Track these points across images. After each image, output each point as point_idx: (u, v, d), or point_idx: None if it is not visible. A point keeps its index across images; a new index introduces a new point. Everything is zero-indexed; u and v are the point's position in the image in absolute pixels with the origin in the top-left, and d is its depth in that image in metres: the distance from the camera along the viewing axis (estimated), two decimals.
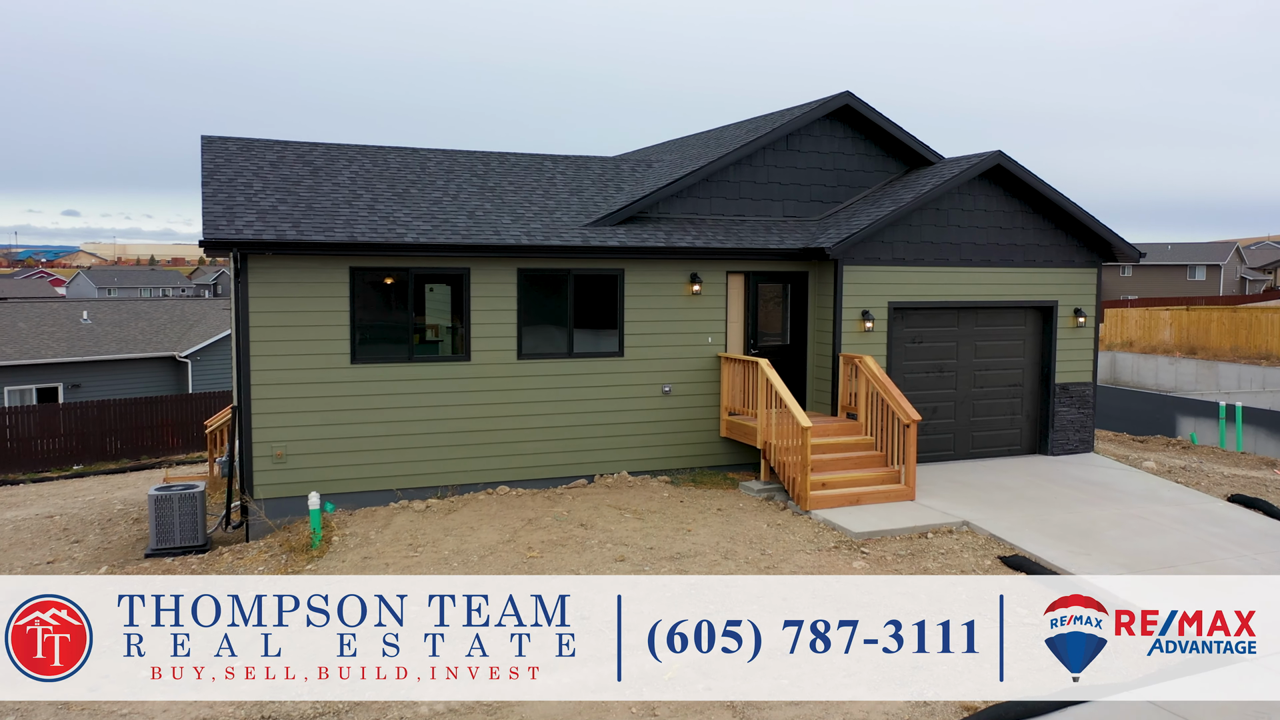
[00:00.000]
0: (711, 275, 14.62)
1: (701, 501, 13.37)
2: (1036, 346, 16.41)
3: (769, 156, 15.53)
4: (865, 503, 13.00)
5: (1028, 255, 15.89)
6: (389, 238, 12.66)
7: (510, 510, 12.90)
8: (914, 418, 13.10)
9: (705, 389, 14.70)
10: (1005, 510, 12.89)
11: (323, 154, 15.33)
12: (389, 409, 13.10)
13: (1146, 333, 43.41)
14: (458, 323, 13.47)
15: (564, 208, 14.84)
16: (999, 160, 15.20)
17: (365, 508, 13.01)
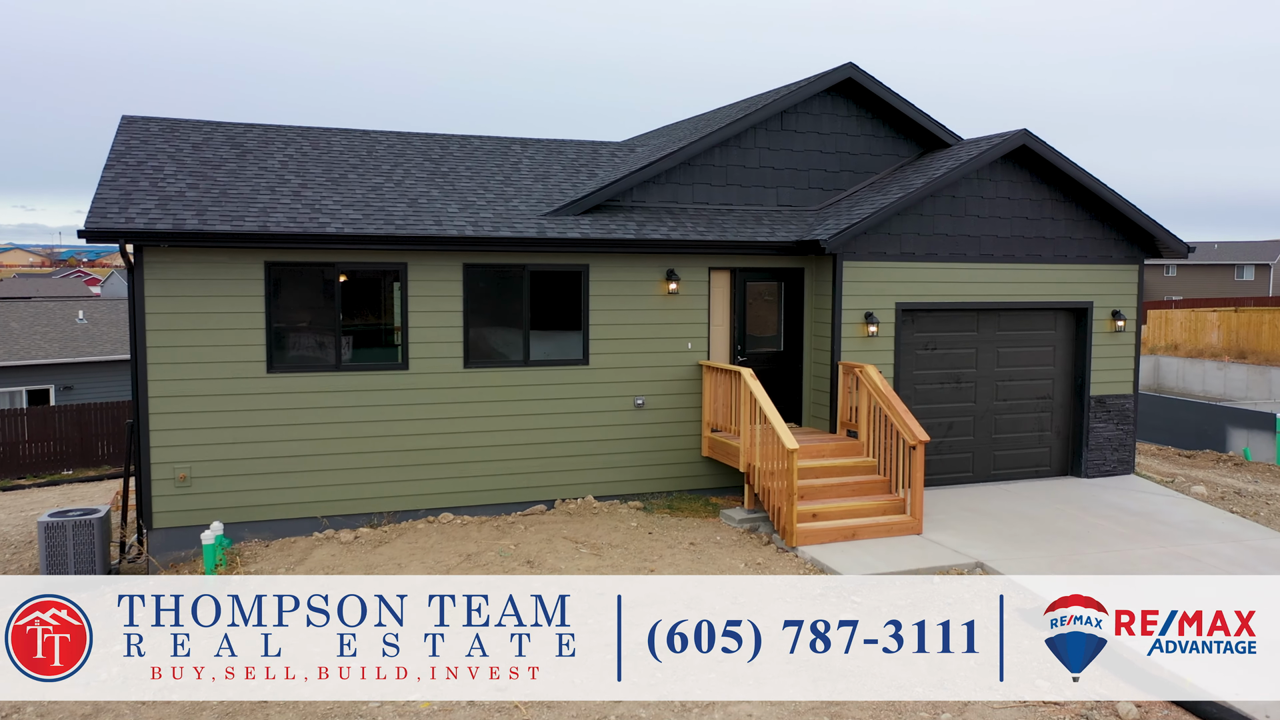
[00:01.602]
0: (691, 272, 12.79)
1: (673, 533, 11.55)
2: (1068, 354, 14.41)
3: (760, 137, 13.66)
4: (863, 537, 11.12)
5: (1058, 250, 13.90)
6: (309, 228, 10.96)
7: (450, 543, 11.17)
8: (921, 438, 11.19)
9: (684, 402, 12.88)
10: (1029, 547, 10.96)
11: (258, 136, 13.69)
12: (313, 425, 11.41)
13: (1192, 335, 41.01)
14: (393, 326, 11.75)
15: (524, 195, 13.08)
16: (1025, 140, 13.24)
17: (285, 538, 11.33)
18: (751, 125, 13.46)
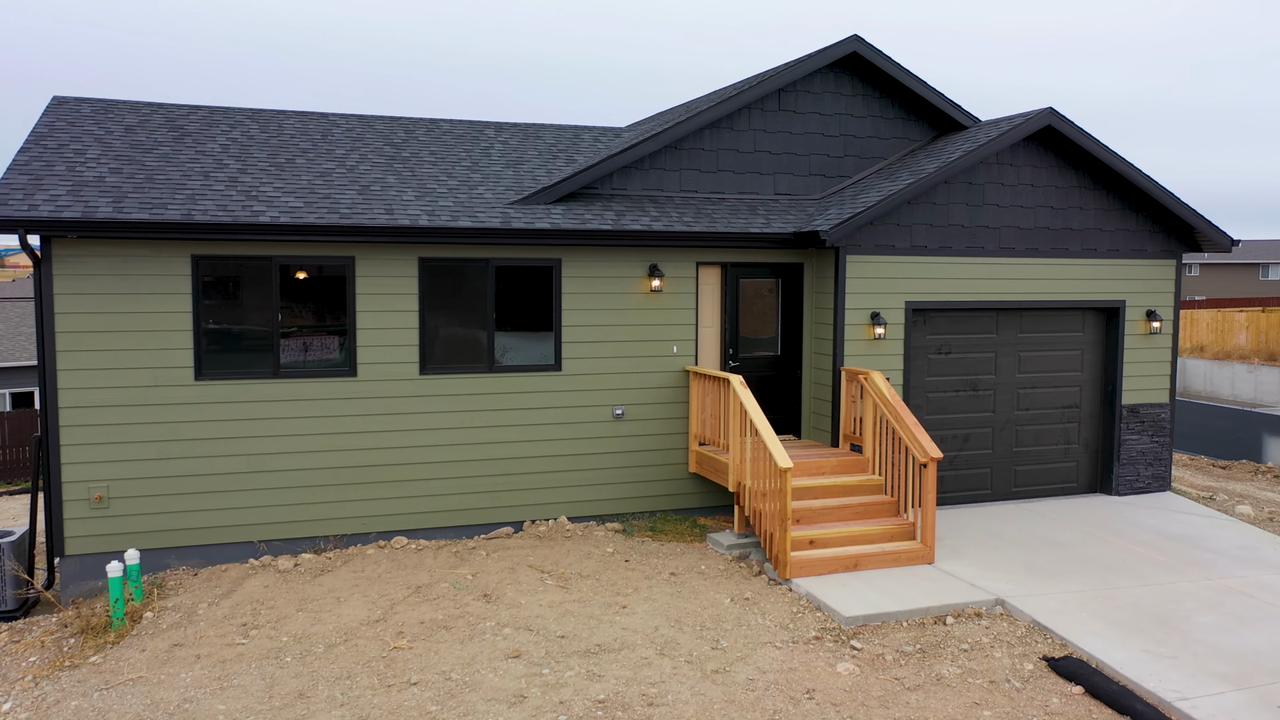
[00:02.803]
0: (677, 267, 11.49)
1: (653, 561, 10.25)
2: (1098, 358, 13.03)
3: (755, 118, 12.34)
4: (866, 567, 9.80)
5: (1087, 242, 12.52)
6: (240, 217, 9.71)
7: (401, 572, 9.90)
8: (932, 455, 9.86)
9: (670, 412, 11.57)
10: (1055, 579, 9.61)
11: (203, 118, 12.46)
12: (248, 438, 10.16)
13: (1219, 337, 39.43)
14: (340, 327, 10.49)
15: (492, 182, 11.80)
16: (1050, 120, 11.87)
17: (216, 565, 10.09)
18: (744, 105, 12.14)
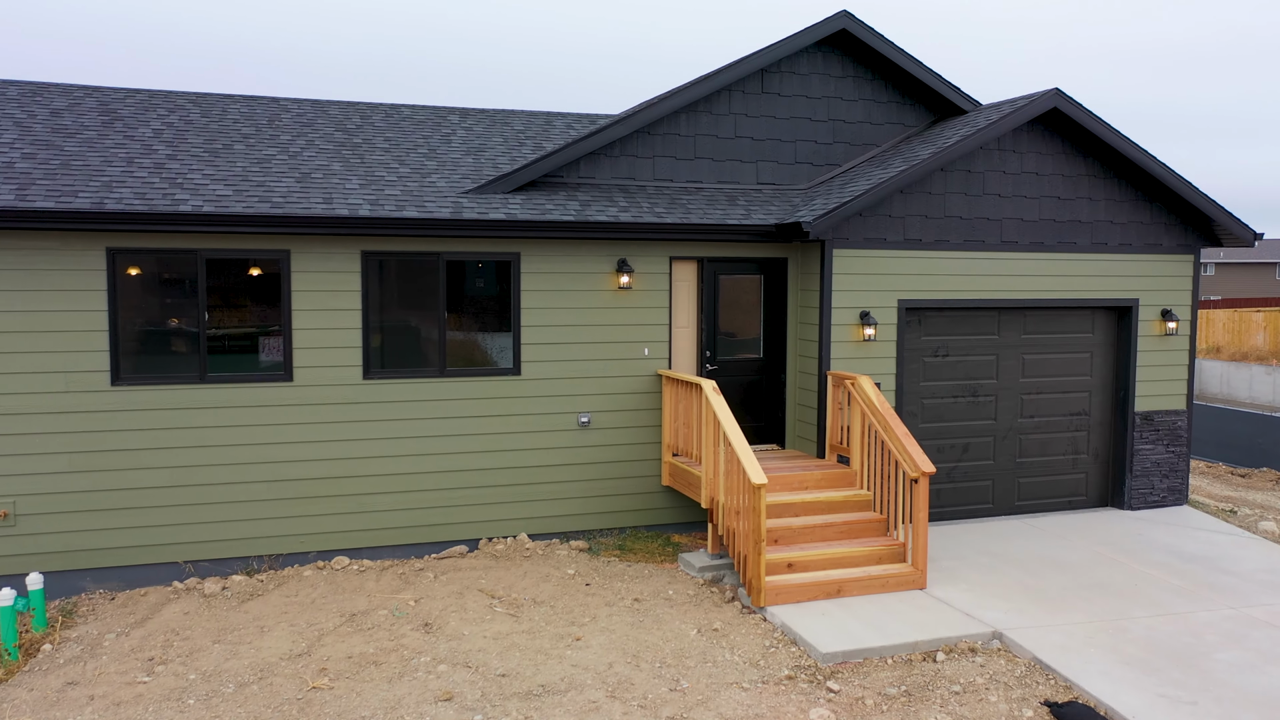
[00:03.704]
0: (648, 262, 10.55)
1: (617, 585, 9.32)
2: (1109, 361, 12.04)
3: (736, 101, 11.40)
4: (850, 593, 8.84)
5: (1097, 236, 11.54)
6: (158, 205, 8.81)
7: (338, 596, 9.00)
8: (923, 469, 8.90)
9: (641, 420, 10.64)
10: (1060, 608, 8.64)
11: (140, 102, 11.58)
12: (172, 449, 9.27)
13: (1235, 337, 38.30)
14: (275, 328, 9.58)
15: (448, 170, 10.89)
16: (1056, 102, 10.89)
17: (137, 589, 9.21)
18: (724, 86, 11.20)
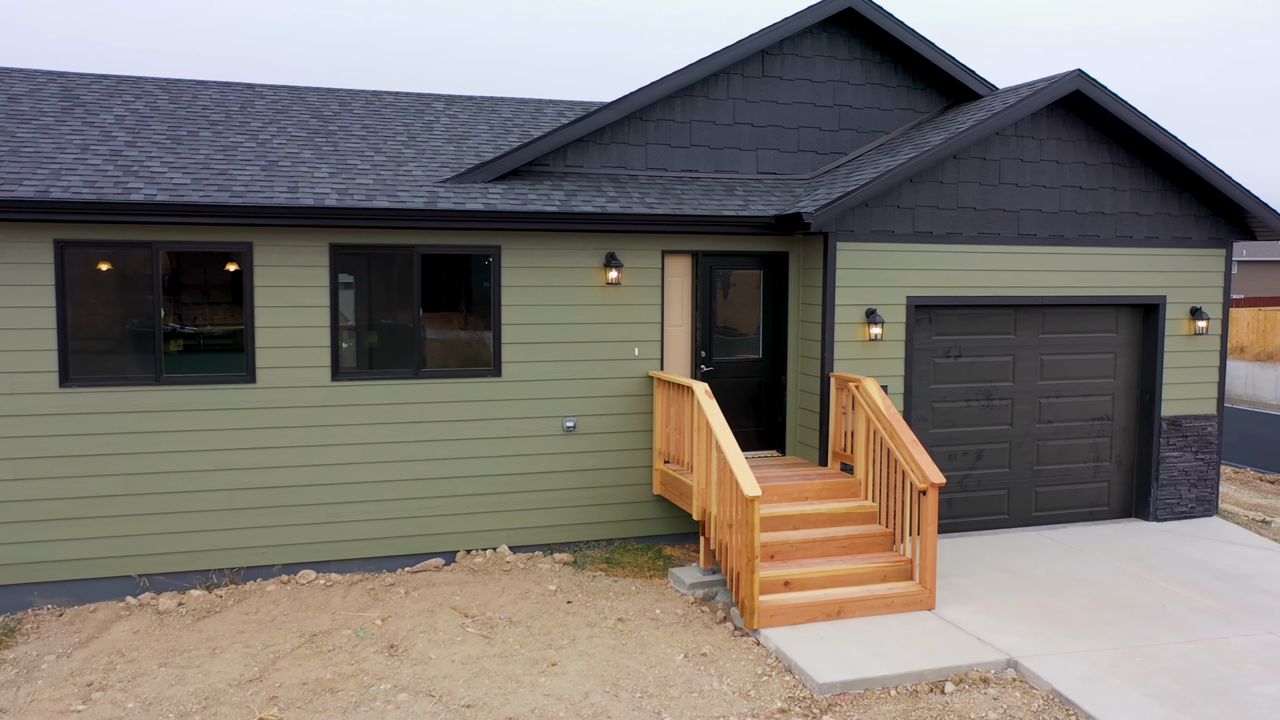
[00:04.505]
0: (639, 256, 9.89)
1: (601, 602, 8.66)
2: (1134, 362, 11.29)
3: (735, 85, 10.71)
4: (852, 614, 8.16)
5: (1122, 229, 10.80)
6: (108, 194, 8.21)
7: (300, 614, 8.38)
8: (932, 480, 8.21)
9: (631, 424, 9.98)
10: (1082, 632, 7.92)
11: (106, 88, 11.00)
12: (126, 455, 8.67)
13: (1261, 336, 37.23)
14: (237, 326, 8.97)
15: (427, 158, 10.26)
16: (1078, 84, 10.15)
17: (88, 604, 8.62)
18: (722, 68, 10.52)
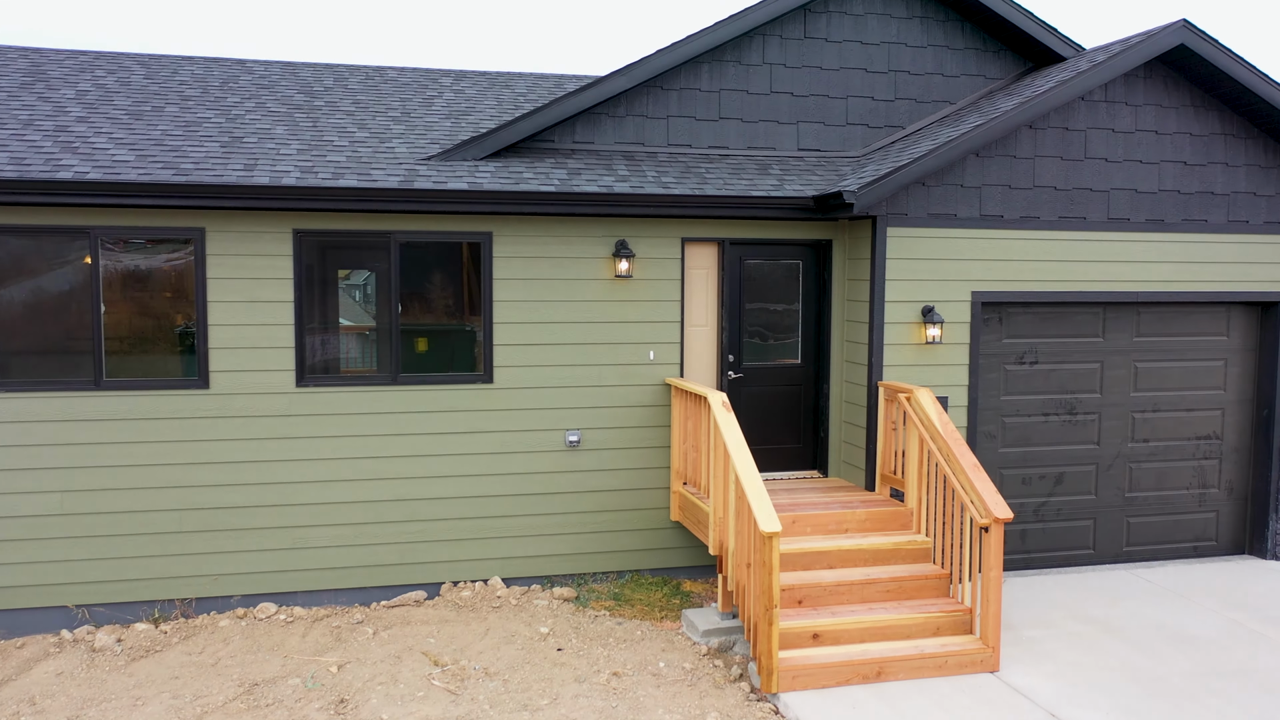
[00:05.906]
0: (655, 245, 8.54)
1: (596, 650, 7.33)
2: (1249, 371, 9.54)
3: (773, 49, 9.30)
4: (894, 676, 6.68)
5: (1236, 212, 9.08)
6: (32, 172, 7.19)
7: (247, 656, 7.22)
8: (996, 515, 6.68)
9: (645, 439, 8.64)
10: (1186, 709, 6.31)
11: (78, 64, 10.08)
12: (61, 469, 7.65)
13: None
14: (187, 325, 7.89)
15: (416, 135, 9.07)
16: (1184, 38, 8.49)
17: (19, 637, 7.61)
18: (756, 27, 9.12)
